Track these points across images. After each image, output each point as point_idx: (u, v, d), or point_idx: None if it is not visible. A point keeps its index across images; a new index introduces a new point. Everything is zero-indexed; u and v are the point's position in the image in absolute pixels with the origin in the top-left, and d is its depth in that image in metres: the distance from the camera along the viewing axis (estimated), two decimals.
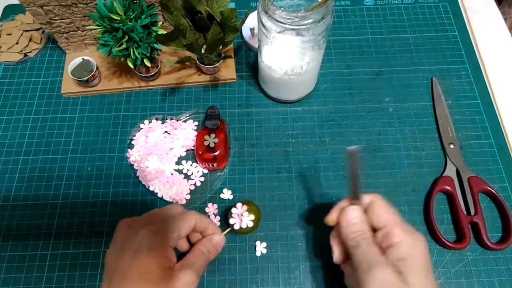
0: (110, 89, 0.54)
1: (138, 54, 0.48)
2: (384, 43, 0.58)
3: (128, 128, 0.52)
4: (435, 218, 0.45)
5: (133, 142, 0.50)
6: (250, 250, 0.44)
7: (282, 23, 0.38)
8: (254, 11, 0.58)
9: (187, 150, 0.50)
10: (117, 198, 0.47)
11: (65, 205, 0.47)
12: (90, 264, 0.44)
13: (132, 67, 0.50)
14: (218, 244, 0.39)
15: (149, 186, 0.47)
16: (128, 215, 0.46)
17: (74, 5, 0.48)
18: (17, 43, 0.57)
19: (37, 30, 0.59)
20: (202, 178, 0.48)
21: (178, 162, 0.49)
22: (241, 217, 0.42)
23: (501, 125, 0.52)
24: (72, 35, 0.53)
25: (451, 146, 0.49)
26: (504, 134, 0.51)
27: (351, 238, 0.34)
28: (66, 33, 0.53)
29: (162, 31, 0.48)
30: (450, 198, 0.46)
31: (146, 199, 0.47)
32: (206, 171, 0.49)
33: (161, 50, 0.54)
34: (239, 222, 0.42)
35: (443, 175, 0.47)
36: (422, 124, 0.52)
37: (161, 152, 0.49)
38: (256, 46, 0.56)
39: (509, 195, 0.47)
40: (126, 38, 0.46)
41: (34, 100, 0.54)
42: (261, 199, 0.47)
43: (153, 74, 0.52)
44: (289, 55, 0.44)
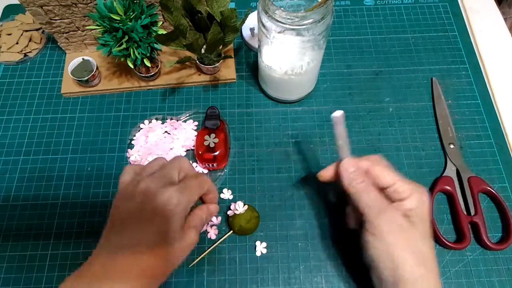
0: (110, 89, 0.54)
1: (138, 54, 0.48)
2: (384, 43, 0.58)
3: (128, 128, 0.52)
4: (435, 218, 0.45)
5: (133, 142, 0.50)
6: (250, 250, 0.44)
7: (282, 23, 0.38)
8: (254, 11, 0.57)
9: (187, 150, 0.50)
10: None
11: (65, 205, 0.47)
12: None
13: (132, 67, 0.50)
14: (213, 213, 0.40)
15: None
16: None
17: (74, 5, 0.48)
18: (17, 43, 0.57)
19: (37, 30, 0.59)
20: None
21: None
22: (235, 205, 0.44)
23: (501, 125, 0.52)
24: (72, 35, 0.53)
25: (451, 146, 0.49)
26: (504, 134, 0.51)
27: (353, 185, 0.36)
28: (66, 33, 0.53)
29: (162, 31, 0.48)
30: (450, 198, 0.46)
31: None
32: (206, 171, 0.49)
33: (161, 50, 0.54)
34: (233, 210, 0.44)
35: (443, 175, 0.47)
36: (422, 124, 0.52)
37: (161, 152, 0.49)
38: (256, 46, 0.56)
39: (509, 195, 0.47)
40: (126, 38, 0.46)
41: (34, 100, 0.54)
42: (261, 199, 0.47)
43: (153, 74, 0.52)
44: (289, 55, 0.44)
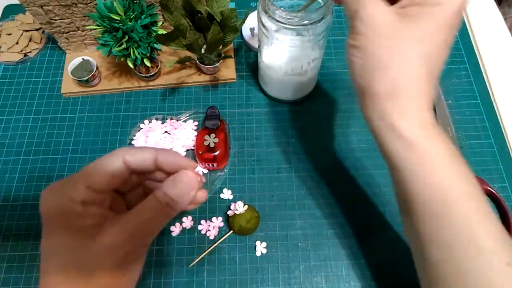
0: (110, 89, 0.54)
1: (138, 54, 0.48)
2: None
3: (128, 128, 0.52)
4: None
5: (133, 142, 0.50)
6: (250, 250, 0.44)
7: (282, 23, 0.38)
8: (254, 11, 0.57)
9: (187, 150, 0.50)
10: None
11: None
12: None
13: (132, 67, 0.50)
14: (188, 185, 0.25)
15: None
16: None
17: (74, 5, 0.48)
18: (17, 43, 0.57)
19: (37, 30, 0.59)
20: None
21: None
22: (235, 205, 0.44)
23: (501, 125, 0.52)
24: (72, 35, 0.53)
25: None
26: (504, 134, 0.51)
27: None
28: (66, 33, 0.53)
29: (162, 31, 0.48)
30: None
31: None
32: (206, 171, 0.49)
33: (161, 50, 0.54)
34: (234, 210, 0.43)
35: None
36: None
37: None
38: (256, 46, 0.56)
39: (509, 195, 0.47)
40: (126, 38, 0.46)
41: (34, 100, 0.54)
42: (261, 199, 0.47)
43: (153, 74, 0.52)
44: (289, 55, 0.44)
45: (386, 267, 0.43)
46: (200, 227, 0.45)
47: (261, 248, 0.44)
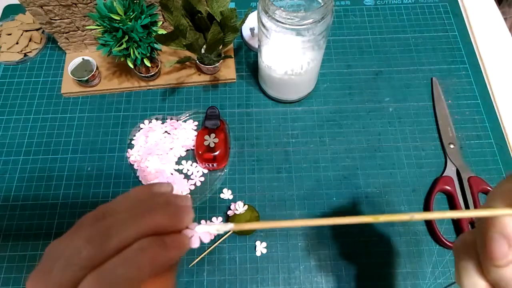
0: (110, 89, 0.54)
1: (138, 54, 0.48)
2: (384, 43, 0.58)
3: (128, 128, 0.52)
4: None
5: (133, 142, 0.50)
6: (250, 250, 0.44)
7: (282, 23, 0.38)
8: (254, 11, 0.57)
9: (187, 150, 0.50)
10: None
11: (65, 205, 0.47)
12: None
13: (132, 67, 0.50)
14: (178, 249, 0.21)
15: None
16: None
17: (74, 5, 0.48)
18: (17, 43, 0.57)
19: (37, 30, 0.59)
20: (202, 178, 0.48)
21: (178, 162, 0.49)
22: (235, 205, 0.44)
23: (501, 125, 0.52)
24: (72, 35, 0.53)
25: (451, 146, 0.49)
26: (504, 134, 0.51)
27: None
28: (66, 33, 0.53)
29: (162, 31, 0.48)
30: (450, 198, 0.46)
31: None
32: (206, 171, 0.49)
33: (161, 50, 0.54)
34: (234, 210, 0.44)
35: (443, 175, 0.47)
36: (422, 124, 0.52)
37: (161, 152, 0.49)
38: (256, 46, 0.56)
39: None
40: (126, 38, 0.46)
41: (34, 100, 0.54)
42: (261, 199, 0.47)
43: (153, 74, 0.52)
44: (289, 55, 0.44)
45: (386, 267, 0.43)
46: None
47: (261, 248, 0.44)
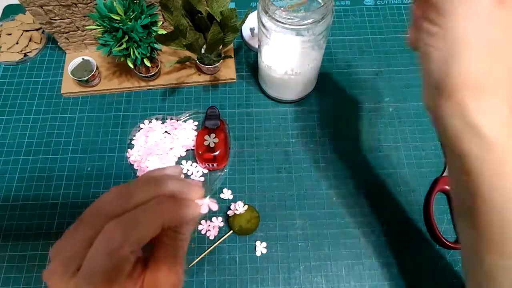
0: (110, 89, 0.54)
1: (138, 54, 0.48)
2: (384, 43, 0.58)
3: (128, 128, 0.52)
4: (435, 218, 0.45)
5: (133, 142, 0.50)
6: (250, 250, 0.44)
7: (282, 23, 0.38)
8: (254, 11, 0.57)
9: (187, 150, 0.50)
10: None
11: (65, 205, 0.47)
12: None
13: (132, 67, 0.50)
14: (194, 218, 0.24)
15: None
16: None
17: (74, 5, 0.48)
18: (17, 43, 0.57)
19: (37, 30, 0.59)
20: (202, 178, 0.48)
21: (178, 162, 0.49)
22: (235, 205, 0.44)
23: None
24: (72, 35, 0.53)
25: None
26: None
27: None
28: (66, 33, 0.53)
29: (162, 31, 0.48)
30: (450, 198, 0.46)
31: None
32: (206, 171, 0.49)
33: (161, 50, 0.54)
34: (234, 210, 0.43)
35: (443, 175, 0.47)
36: (422, 124, 0.52)
37: (161, 152, 0.49)
38: (256, 46, 0.56)
39: None
40: (126, 38, 0.46)
41: (34, 100, 0.54)
42: (261, 199, 0.47)
43: (153, 74, 0.52)
44: (289, 55, 0.44)
45: (386, 267, 0.43)
46: (200, 227, 0.45)
47: (261, 248, 0.44)
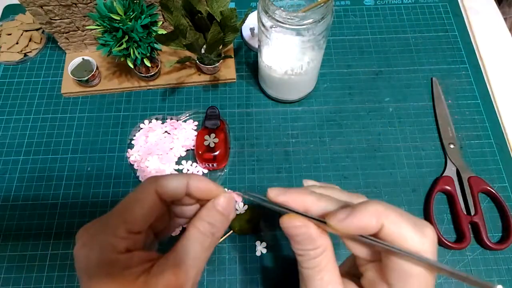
0: (110, 89, 0.54)
1: (138, 54, 0.48)
2: (384, 43, 0.58)
3: (128, 128, 0.52)
4: (435, 218, 0.45)
5: (133, 142, 0.50)
6: (250, 250, 0.44)
7: (282, 23, 0.38)
8: (254, 11, 0.57)
9: (187, 150, 0.50)
10: (117, 198, 0.47)
11: (65, 205, 0.47)
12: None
13: (132, 67, 0.50)
14: (225, 210, 0.25)
15: None
16: None
17: (74, 5, 0.48)
18: (17, 43, 0.57)
19: (37, 30, 0.59)
20: None
21: (178, 162, 0.49)
22: (236, 205, 0.41)
23: (501, 125, 0.52)
24: (72, 35, 0.53)
25: (451, 146, 0.49)
26: (504, 134, 0.51)
27: (297, 254, 0.24)
28: (66, 33, 0.53)
29: (162, 31, 0.48)
30: (450, 198, 0.46)
31: None
32: (206, 171, 0.49)
33: (161, 50, 0.54)
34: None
35: (443, 175, 0.47)
36: (422, 124, 0.52)
37: (161, 152, 0.49)
38: (256, 46, 0.56)
39: (509, 195, 0.47)
40: (126, 38, 0.46)
41: (34, 100, 0.54)
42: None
43: (153, 74, 0.52)
44: (289, 55, 0.44)
45: None
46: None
47: (261, 248, 0.44)
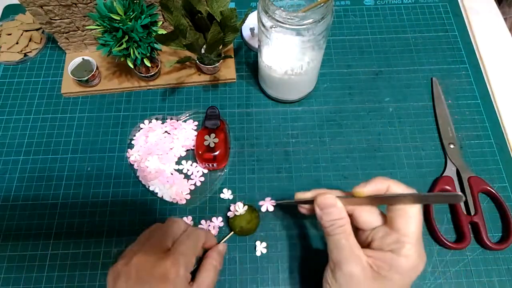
0: (110, 89, 0.54)
1: (138, 54, 0.48)
2: (384, 43, 0.58)
3: (128, 128, 0.52)
4: (435, 218, 0.45)
5: (133, 142, 0.50)
6: (250, 250, 0.44)
7: (282, 23, 0.38)
8: (254, 11, 0.57)
9: (187, 150, 0.50)
10: (117, 198, 0.47)
11: (65, 205, 0.47)
12: (90, 264, 0.44)
13: (132, 67, 0.50)
14: (223, 253, 0.40)
15: (149, 186, 0.47)
16: (128, 215, 0.46)
17: (74, 5, 0.48)
18: (17, 43, 0.57)
19: (37, 30, 0.59)
20: (202, 178, 0.48)
21: (178, 162, 0.49)
22: (235, 206, 0.43)
23: (501, 125, 0.52)
24: (72, 35, 0.53)
25: (451, 146, 0.49)
26: (504, 134, 0.51)
27: (325, 226, 0.34)
28: (66, 33, 0.53)
29: (162, 31, 0.48)
30: None
31: (146, 199, 0.47)
32: (206, 171, 0.49)
33: (161, 50, 0.54)
34: (233, 211, 0.44)
35: (443, 175, 0.47)
36: (422, 124, 0.52)
37: (161, 152, 0.49)
38: (256, 46, 0.56)
39: (509, 195, 0.47)
40: (126, 38, 0.46)
41: (34, 100, 0.54)
42: (261, 199, 0.47)
43: (153, 74, 0.52)
44: (289, 55, 0.44)
45: None
46: (200, 227, 0.45)
47: (261, 248, 0.44)
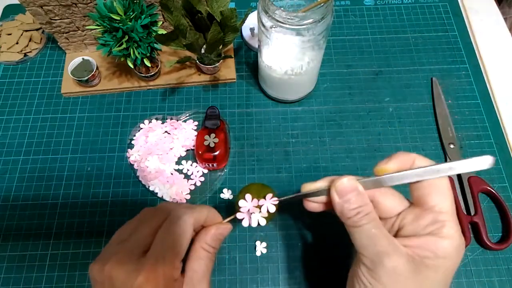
0: (110, 89, 0.54)
1: (138, 54, 0.48)
2: (384, 43, 0.58)
3: (128, 128, 0.52)
4: None
5: (133, 142, 0.50)
6: (250, 250, 0.44)
7: (282, 23, 0.38)
8: (254, 11, 0.57)
9: (187, 150, 0.50)
10: (117, 198, 0.47)
11: (65, 205, 0.47)
12: (90, 264, 0.44)
13: (132, 67, 0.50)
14: (218, 235, 0.31)
15: (149, 186, 0.47)
16: (128, 215, 0.46)
17: (74, 5, 0.48)
18: (17, 43, 0.57)
19: (37, 30, 0.59)
20: (202, 178, 0.48)
21: (178, 162, 0.49)
22: (250, 214, 0.33)
23: (501, 125, 0.52)
24: (72, 35, 0.53)
25: (451, 146, 0.49)
26: (504, 134, 0.51)
27: (348, 216, 0.28)
28: (66, 33, 0.53)
29: (162, 31, 0.48)
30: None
31: (146, 199, 0.47)
32: (206, 171, 0.49)
33: (161, 50, 0.54)
34: (249, 220, 0.33)
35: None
36: (422, 124, 0.52)
37: (161, 152, 0.49)
38: (256, 46, 0.56)
39: (509, 195, 0.47)
40: (126, 38, 0.46)
41: (34, 100, 0.54)
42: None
43: (153, 74, 0.52)
44: (289, 55, 0.44)
45: None
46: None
47: (261, 248, 0.44)
